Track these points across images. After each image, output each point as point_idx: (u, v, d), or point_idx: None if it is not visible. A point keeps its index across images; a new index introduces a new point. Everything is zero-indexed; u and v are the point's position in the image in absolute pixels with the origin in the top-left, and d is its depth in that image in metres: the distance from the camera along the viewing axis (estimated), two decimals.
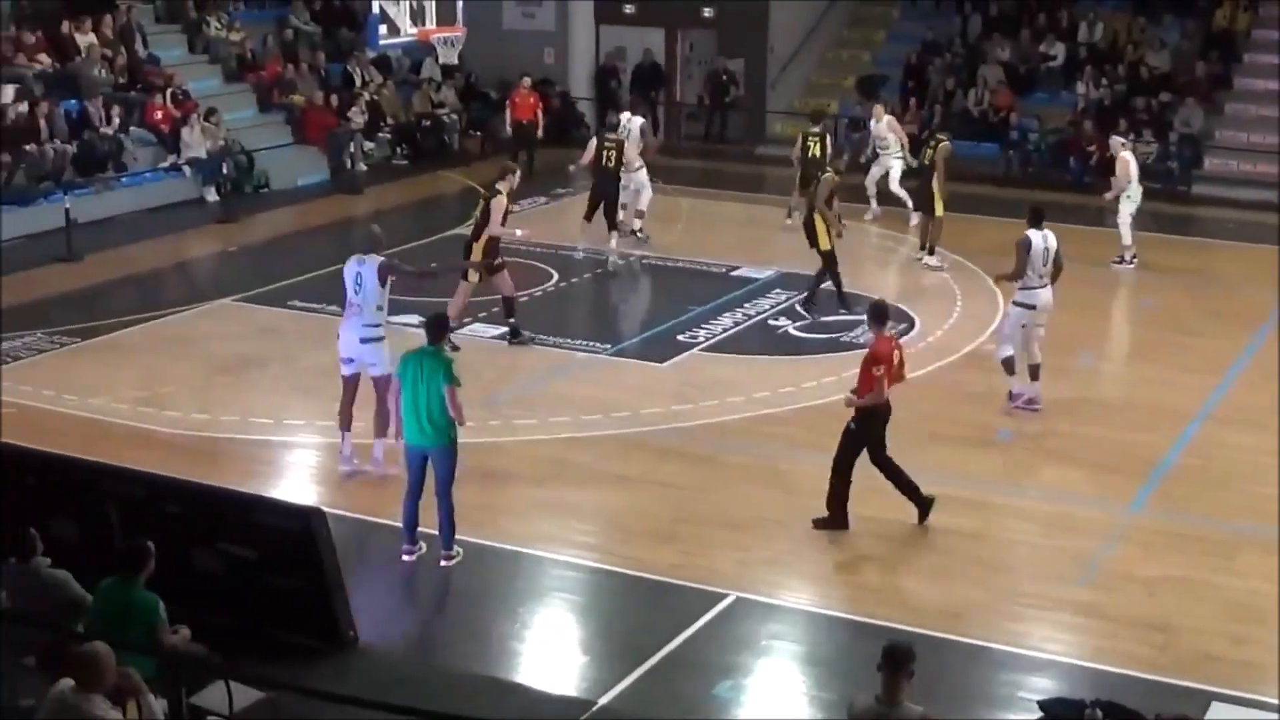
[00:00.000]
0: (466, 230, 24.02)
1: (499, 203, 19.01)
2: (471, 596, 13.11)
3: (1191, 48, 32.53)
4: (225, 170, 27.80)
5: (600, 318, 22.11)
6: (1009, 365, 17.22)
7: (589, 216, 24.23)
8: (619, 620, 12.84)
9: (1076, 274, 22.19)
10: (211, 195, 27.75)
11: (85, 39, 28.37)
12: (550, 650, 12.43)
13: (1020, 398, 17.17)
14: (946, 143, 23.64)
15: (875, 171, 26.69)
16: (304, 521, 11.76)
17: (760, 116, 34.90)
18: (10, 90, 26.06)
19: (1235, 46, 32.56)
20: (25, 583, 10.43)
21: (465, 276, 19.33)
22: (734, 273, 23.09)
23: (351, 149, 29.96)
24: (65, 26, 28.37)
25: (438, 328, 13.58)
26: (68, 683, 8.68)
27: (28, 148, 25.39)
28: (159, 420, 16.64)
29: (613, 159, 23.69)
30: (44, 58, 27.69)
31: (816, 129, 25.08)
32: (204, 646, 10.33)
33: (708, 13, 34.97)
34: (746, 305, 21.32)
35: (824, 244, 20.54)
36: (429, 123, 32.79)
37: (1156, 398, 17.81)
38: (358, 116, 31.02)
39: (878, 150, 26.81)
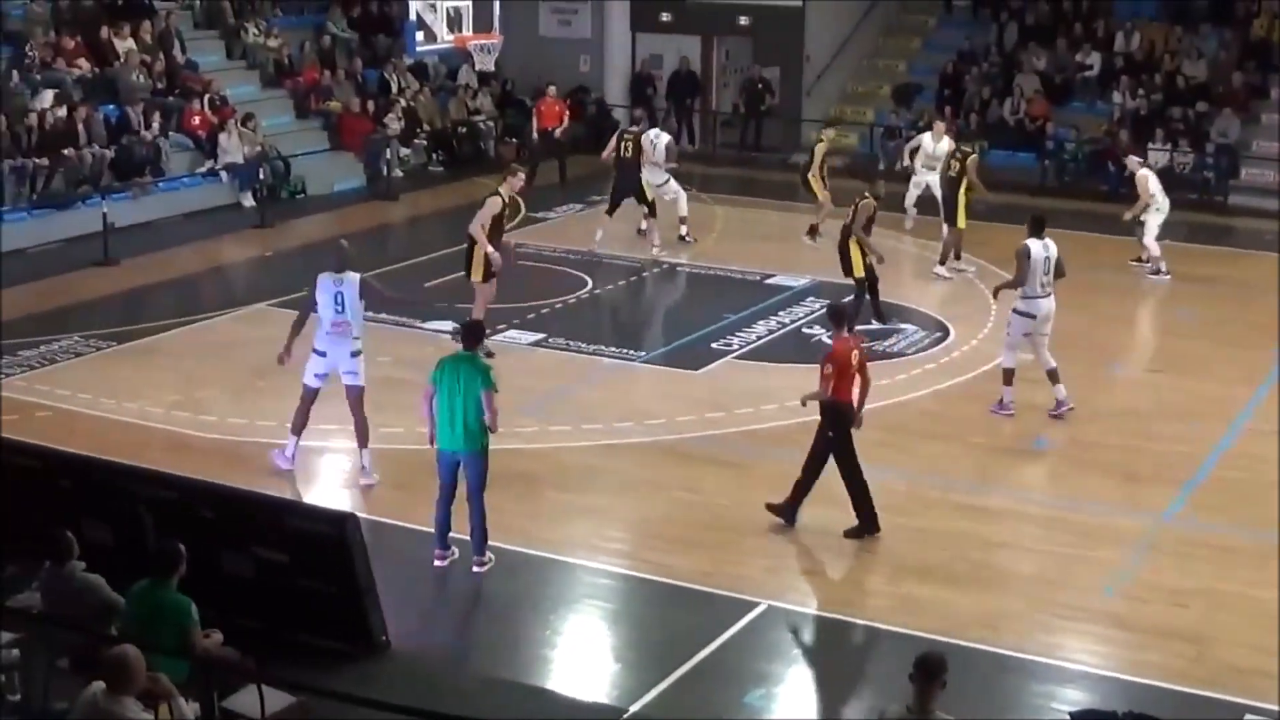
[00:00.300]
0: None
1: (492, 202, 19.06)
2: (503, 602, 13.13)
3: (1229, 57, 32.39)
4: (262, 176, 27.94)
5: (634, 325, 22.13)
6: (1008, 375, 17.27)
7: (610, 212, 24.51)
8: (650, 627, 12.85)
9: (1112, 284, 22.23)
10: (248, 200, 27.87)
11: (124, 44, 28.53)
12: (581, 657, 12.44)
13: (1010, 406, 17.25)
14: (975, 155, 23.56)
15: (915, 191, 26.26)
16: (337, 526, 11.79)
17: (796, 125, 34.87)
18: (49, 95, 26.21)
19: (1272, 56, 32.37)
20: (60, 586, 10.49)
21: (485, 279, 19.27)
22: (768, 281, 23.08)
23: (387, 155, 30.04)
24: (104, 32, 28.54)
25: (473, 333, 13.62)
26: (99, 685, 8.73)
27: (66, 152, 25.54)
28: (194, 424, 16.71)
29: (630, 149, 24.06)
30: (83, 63, 27.84)
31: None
32: (236, 650, 10.37)
33: (744, 21, 34.96)
34: (781, 313, 21.32)
35: (858, 271, 20.38)
36: (465, 129, 32.91)
37: (1191, 408, 17.75)
38: (394, 123, 31.13)
39: (924, 165, 26.04)
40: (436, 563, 13.38)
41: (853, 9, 36.07)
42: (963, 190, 23.14)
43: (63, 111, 25.94)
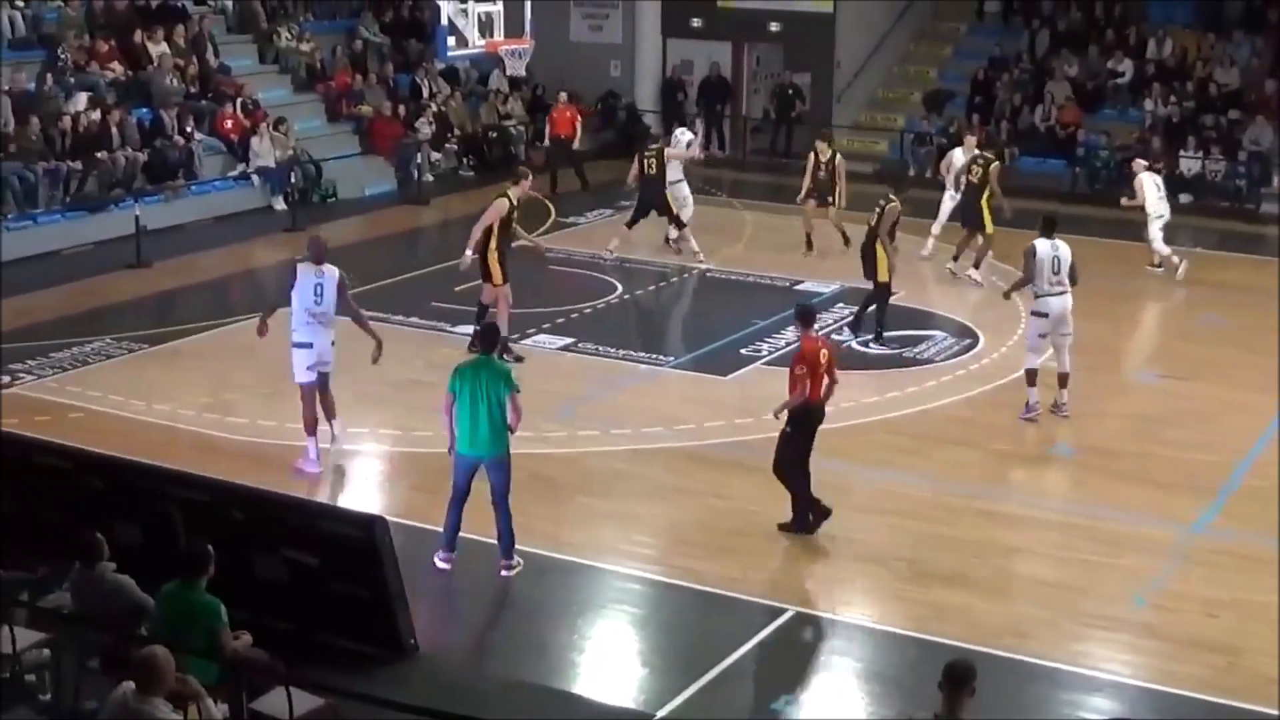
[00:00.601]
0: (530, 241, 24.17)
1: (498, 204, 19.14)
2: (530, 606, 13.15)
3: (1261, 65, 32.26)
4: (293, 179, 28.03)
5: (663, 330, 22.14)
6: (1030, 377, 17.45)
7: (631, 224, 24.56)
8: (678, 633, 12.86)
9: (1142, 291, 22.13)
10: (279, 204, 27.97)
11: (157, 48, 28.65)
12: (609, 662, 12.46)
13: (1036, 408, 17.40)
14: (998, 163, 23.56)
15: (950, 205, 25.48)
16: (366, 529, 11.82)
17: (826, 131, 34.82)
18: (83, 98, 26.35)
19: None
20: (90, 587, 10.54)
21: (488, 279, 19.28)
22: (797, 287, 23.07)
23: (418, 159, 30.11)
24: (138, 35, 28.65)
25: (489, 337, 13.71)
26: (129, 685, 8.78)
27: (99, 155, 25.67)
28: (224, 426, 16.77)
29: (653, 165, 24.09)
30: (116, 66, 27.97)
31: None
32: (265, 652, 10.41)
33: (775, 27, 34.94)
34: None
35: (882, 275, 20.26)
36: (496, 134, 32.96)
37: (1222, 416, 17.69)
38: (425, 127, 31.21)
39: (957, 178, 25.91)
40: (440, 564, 13.34)
41: (884, 15, 36.03)
42: (985, 197, 23.09)
43: (96, 115, 26.08)
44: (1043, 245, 17.30)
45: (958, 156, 25.29)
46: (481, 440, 13.12)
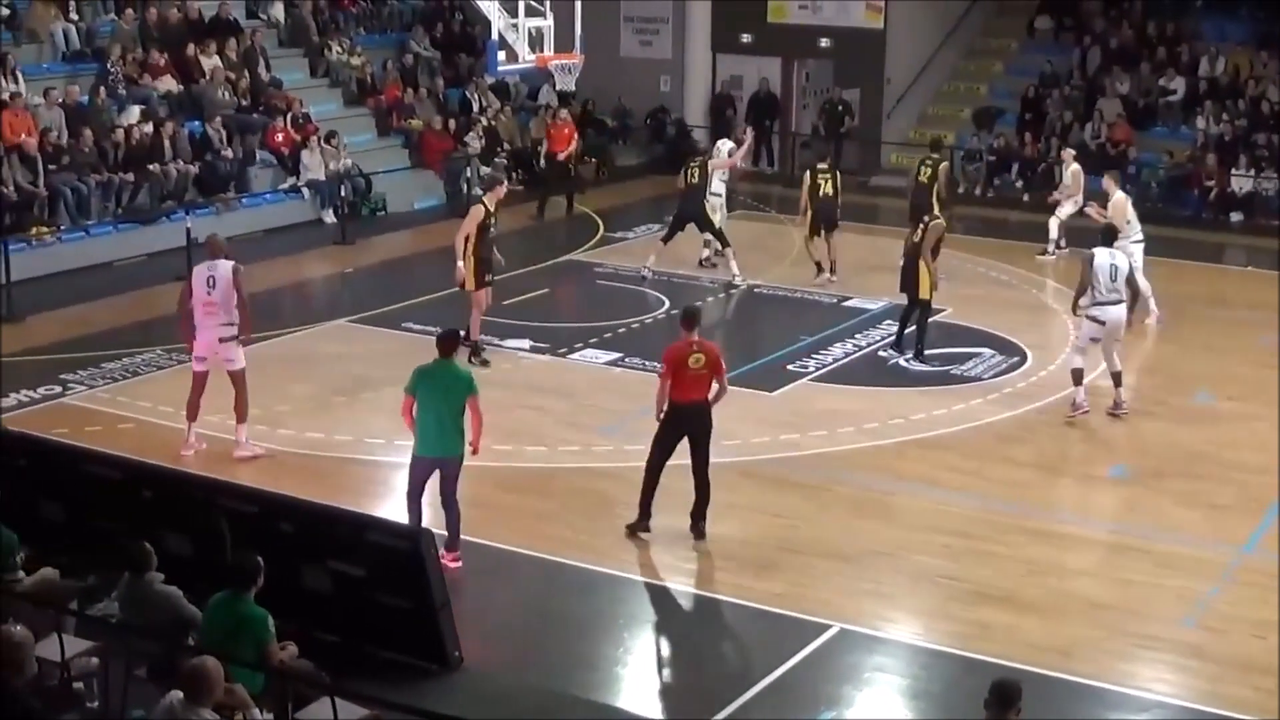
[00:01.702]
0: (578, 256, 24.23)
1: (475, 210, 19.52)
2: (576, 620, 13.16)
3: None
4: (343, 193, 28.15)
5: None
6: (1077, 376, 17.86)
7: (667, 238, 24.55)
8: (722, 648, 12.87)
9: (1194, 312, 22.00)
10: (329, 217, 28.11)
11: (210, 61, 28.83)
12: (653, 676, 12.48)
13: (1084, 405, 17.78)
14: (946, 163, 23.73)
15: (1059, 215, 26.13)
16: (413, 542, 11.85)
17: (875, 147, 34.83)
18: (136, 111, 26.55)
19: None
20: (138, 596, 10.61)
21: (477, 286, 19.62)
22: (845, 303, 23.05)
23: (468, 174, 30.18)
24: (190, 49, 28.85)
25: (450, 341, 13.83)
26: (177, 695, 8.83)
27: (151, 168, 25.85)
28: (273, 438, 16.84)
29: (695, 175, 24.00)
30: (169, 79, 28.16)
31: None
32: (311, 663, 10.45)
33: (825, 43, 34.93)
34: (857, 336, 21.28)
35: (923, 293, 20.11)
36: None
37: (1273, 438, 17.53)
38: (475, 142, 31.30)
39: (1061, 196, 26.29)
40: (449, 565, 13.28)
41: (934, 32, 35.97)
42: (934, 197, 23.29)
43: (149, 127, 26.27)
44: (1101, 254, 17.70)
45: (1067, 176, 26.15)
46: (439, 442, 13.38)
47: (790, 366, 19.84)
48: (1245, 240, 28.48)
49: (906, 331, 20.37)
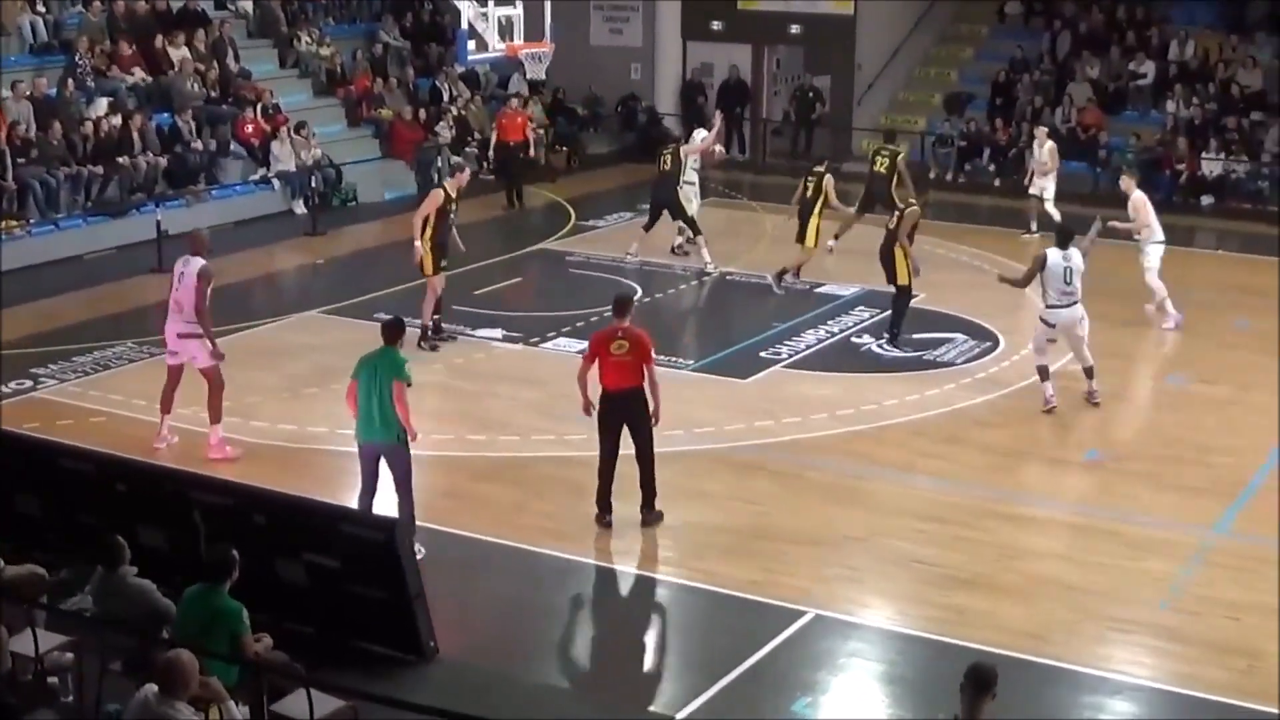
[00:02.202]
0: (550, 245, 24.21)
1: (434, 194, 19.65)
2: (552, 609, 13.17)
3: None
4: (314, 184, 28.07)
5: (683, 333, 22.10)
6: (1043, 372, 17.72)
7: (648, 226, 24.56)
8: (697, 635, 12.87)
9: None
10: (300, 208, 28.05)
11: (178, 53, 28.73)
12: (629, 664, 12.46)
13: (1051, 400, 17.63)
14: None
15: (1035, 191, 26.79)
16: (387, 533, 11.84)
17: (846, 133, 34.84)
18: (104, 103, 26.44)
19: None
20: (112, 590, 10.56)
21: (434, 271, 19.71)
22: (818, 289, 23.06)
23: (438, 163, 30.12)
24: (159, 41, 28.73)
25: (394, 329, 13.87)
26: (151, 688, 8.81)
27: (121, 160, 25.76)
28: (246, 430, 16.80)
29: (668, 161, 23.99)
30: (138, 71, 28.06)
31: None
32: (286, 655, 10.43)
33: (795, 29, 34.94)
34: (830, 322, 21.30)
35: (902, 279, 20.21)
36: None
37: (1244, 420, 17.63)
38: (445, 131, 31.24)
39: (1037, 174, 26.78)
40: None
41: (904, 18, 36.02)
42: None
43: (117, 120, 26.17)
44: (1054, 255, 17.46)
45: (1041, 155, 26.66)
46: (374, 427, 13.43)
47: (763, 353, 19.84)
48: (1216, 224, 28.58)
49: (884, 315, 20.43)
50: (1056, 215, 25.68)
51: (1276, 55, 32.52)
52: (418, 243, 19.44)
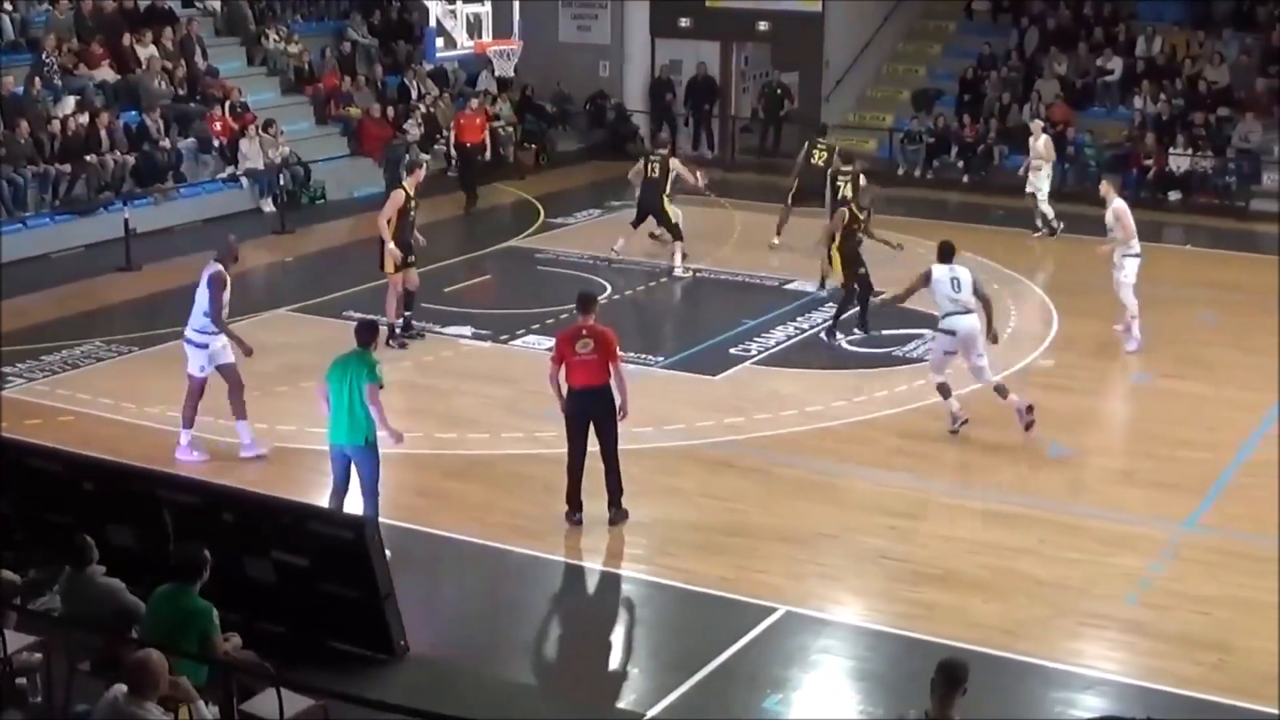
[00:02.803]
0: (519, 242, 24.21)
1: (395, 195, 19.80)
2: (522, 607, 13.15)
3: (1251, 62, 32.32)
4: (282, 182, 28.00)
5: (653, 330, 22.10)
6: (943, 390, 17.00)
7: (635, 224, 24.51)
8: (669, 632, 12.86)
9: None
10: (268, 206, 27.98)
11: (146, 51, 28.63)
12: (600, 661, 12.45)
13: (958, 419, 16.88)
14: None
15: (1031, 188, 26.90)
16: (357, 531, 11.82)
17: (815, 130, 34.79)
18: (71, 101, 26.33)
19: None
20: (80, 590, 10.51)
21: (382, 268, 19.83)
22: (787, 286, 23.08)
23: (407, 161, 30.01)
24: (126, 38, 28.63)
25: (367, 331, 13.91)
26: (120, 688, 8.77)
27: (88, 158, 25.65)
28: (215, 429, 16.72)
29: (656, 170, 23.90)
30: (105, 69, 27.94)
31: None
32: (255, 654, 10.39)
33: (763, 26, 34.92)
34: (800, 319, 21.31)
35: (837, 278, 20.74)
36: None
37: (1213, 415, 17.69)
38: (414, 129, 31.18)
39: (1031, 170, 26.86)
40: None
41: (872, 14, 36.05)
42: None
43: (84, 118, 26.05)
44: (939, 270, 16.97)
45: (1037, 148, 26.83)
46: (343, 429, 13.44)
47: (733, 350, 19.85)
48: (1183, 219, 28.65)
49: (845, 316, 20.42)
50: (1049, 212, 25.93)
51: (1243, 51, 32.66)
52: (390, 245, 19.38)
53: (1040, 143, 26.64)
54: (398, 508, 14.46)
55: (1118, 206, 19.88)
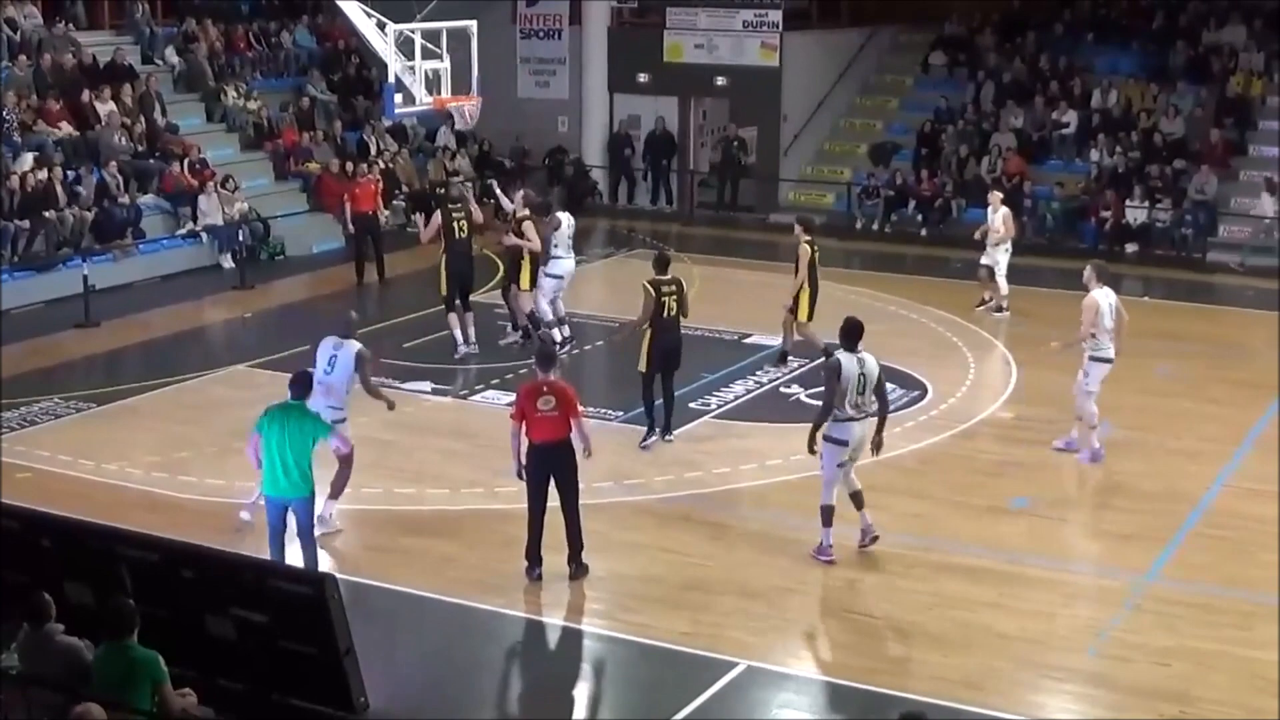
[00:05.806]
0: (480, 297, 24.16)
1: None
2: (481, 663, 13.10)
3: (1206, 114, 32.68)
4: (241, 237, 27.96)
5: (612, 385, 22.07)
6: (826, 515, 14.88)
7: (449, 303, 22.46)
8: (630, 688, 12.83)
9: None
10: (228, 262, 27.94)
11: (105, 107, 28.60)
12: (560, 717, 12.39)
13: (829, 552, 14.85)
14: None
15: (987, 260, 25.04)
16: (317, 587, 11.76)
17: (773, 184, 35.02)
18: (29, 157, 26.26)
19: (1250, 113, 32.70)
20: (38, 648, 10.45)
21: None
22: (746, 340, 23.11)
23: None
24: (86, 95, 28.60)
25: (302, 384, 13.87)
26: None
27: (47, 214, 25.58)
28: (174, 485, 16.67)
29: (464, 228, 22.40)
30: (65, 125, 27.91)
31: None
32: (212, 710, 10.32)
33: (721, 81, 35.12)
34: (758, 373, 21.35)
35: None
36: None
37: (1172, 467, 17.76)
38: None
39: (989, 241, 25.00)
40: None
41: (829, 69, 36.35)
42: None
43: (44, 174, 26.00)
44: (847, 361, 14.57)
45: (995, 221, 24.88)
46: (287, 484, 13.45)
47: (692, 404, 19.85)
48: (1141, 270, 28.84)
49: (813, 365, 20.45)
50: (1004, 289, 24.70)
51: (1198, 104, 33.01)
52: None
53: (999, 217, 24.79)
54: (357, 563, 14.44)
55: (1088, 300, 17.78)
